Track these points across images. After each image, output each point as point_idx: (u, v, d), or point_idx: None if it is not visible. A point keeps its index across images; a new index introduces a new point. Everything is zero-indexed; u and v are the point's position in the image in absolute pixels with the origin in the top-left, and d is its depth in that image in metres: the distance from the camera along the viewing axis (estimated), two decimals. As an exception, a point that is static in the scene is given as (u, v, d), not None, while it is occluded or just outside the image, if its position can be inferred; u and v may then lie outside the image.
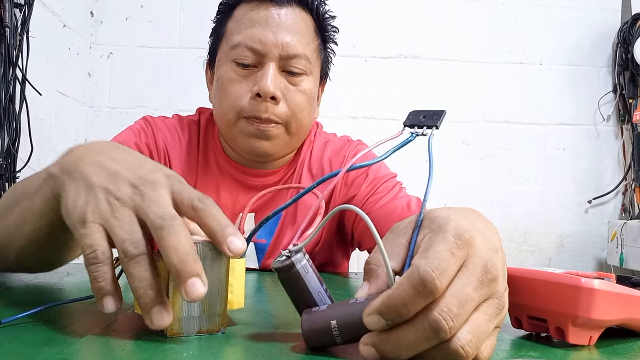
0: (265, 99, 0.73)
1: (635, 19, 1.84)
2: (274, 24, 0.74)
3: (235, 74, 0.75)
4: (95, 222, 0.35)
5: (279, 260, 0.36)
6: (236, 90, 0.75)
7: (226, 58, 0.77)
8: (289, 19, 0.75)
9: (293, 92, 0.76)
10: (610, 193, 1.87)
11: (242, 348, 0.36)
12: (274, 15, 0.75)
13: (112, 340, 0.37)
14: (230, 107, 0.75)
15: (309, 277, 0.36)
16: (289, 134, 0.78)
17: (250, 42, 0.74)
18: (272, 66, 0.74)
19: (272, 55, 0.74)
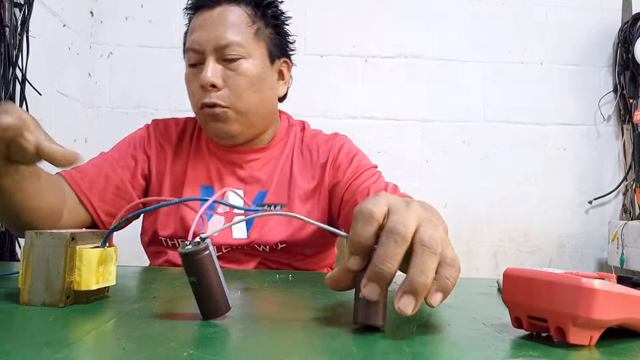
0: (207, 88, 0.86)
1: (635, 19, 1.84)
2: (207, 24, 0.87)
3: (190, 74, 0.90)
4: None
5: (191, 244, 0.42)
6: (192, 87, 0.89)
7: (186, 64, 0.91)
8: (219, 17, 0.87)
9: (232, 76, 0.87)
10: (611, 193, 1.87)
11: (242, 347, 0.36)
12: (207, 17, 0.88)
13: (111, 340, 0.37)
14: (192, 102, 0.90)
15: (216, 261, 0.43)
16: (240, 114, 0.88)
17: (192, 45, 0.87)
18: (210, 60, 0.86)
19: (208, 50, 0.86)
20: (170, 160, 0.95)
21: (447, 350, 0.38)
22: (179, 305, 0.51)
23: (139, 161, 0.94)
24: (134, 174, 0.92)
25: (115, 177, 0.90)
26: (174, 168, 0.94)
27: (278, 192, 0.93)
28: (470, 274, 1.83)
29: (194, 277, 0.43)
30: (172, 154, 0.96)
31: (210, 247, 0.43)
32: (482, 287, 0.73)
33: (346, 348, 0.37)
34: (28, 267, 0.47)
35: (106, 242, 0.50)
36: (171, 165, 0.94)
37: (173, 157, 0.95)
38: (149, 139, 0.96)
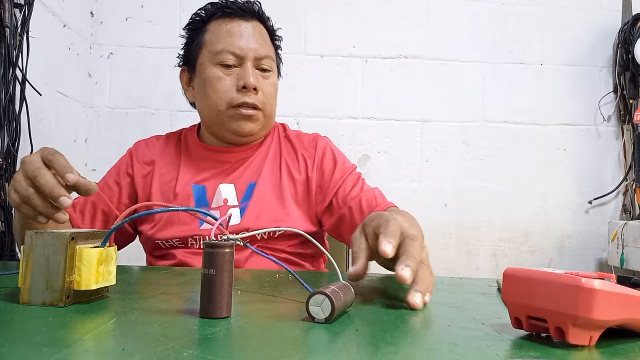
0: (249, 90, 0.95)
1: (635, 19, 1.83)
2: (246, 34, 0.97)
3: (221, 73, 0.96)
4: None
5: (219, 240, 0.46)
6: (224, 86, 0.96)
7: (210, 62, 0.97)
8: (255, 31, 0.99)
9: (266, 84, 0.98)
10: (611, 193, 1.87)
11: (242, 347, 0.36)
12: (244, 27, 0.98)
13: (111, 340, 0.37)
14: (220, 98, 0.96)
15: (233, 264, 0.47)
16: (265, 117, 0.99)
17: (231, 48, 0.96)
18: (249, 66, 0.96)
19: (249, 57, 0.96)
20: (158, 168, 1.02)
21: (447, 350, 0.38)
22: (179, 305, 0.51)
23: (123, 186, 1.02)
24: (119, 199, 1.01)
25: (101, 204, 0.99)
26: (164, 174, 1.01)
27: (267, 184, 0.99)
28: (470, 274, 1.83)
29: (212, 270, 0.44)
30: (160, 162, 1.03)
31: (233, 249, 0.46)
32: (482, 287, 0.73)
33: (347, 348, 0.37)
34: (28, 267, 0.48)
35: (106, 242, 0.50)
36: (160, 172, 1.01)
37: (161, 165, 1.02)
38: (130, 161, 1.04)
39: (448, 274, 1.82)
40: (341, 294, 0.47)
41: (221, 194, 0.98)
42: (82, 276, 0.48)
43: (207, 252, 0.45)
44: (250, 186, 0.99)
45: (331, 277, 0.80)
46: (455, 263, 1.84)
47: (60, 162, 0.64)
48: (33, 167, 0.63)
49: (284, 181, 1.00)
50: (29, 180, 0.63)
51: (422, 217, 1.84)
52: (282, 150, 1.04)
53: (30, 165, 0.63)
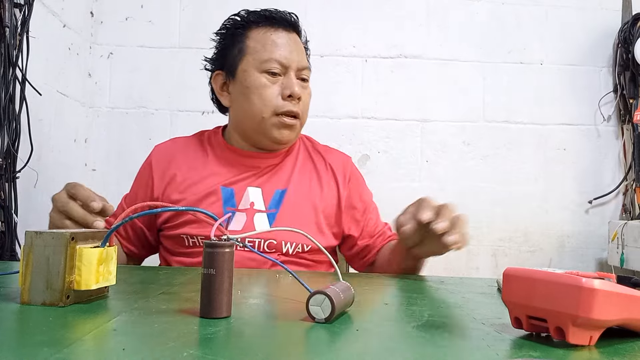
0: (294, 99, 0.99)
1: (635, 19, 1.83)
2: (290, 45, 1.01)
3: (267, 81, 0.98)
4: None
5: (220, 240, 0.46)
6: (270, 93, 0.98)
7: (256, 69, 0.99)
8: (296, 43, 1.03)
9: (305, 94, 1.02)
10: (611, 193, 1.87)
11: (242, 347, 0.36)
12: (287, 38, 1.01)
13: (111, 340, 0.37)
14: (265, 105, 0.98)
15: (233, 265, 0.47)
16: (301, 125, 1.04)
17: (278, 57, 0.99)
18: (293, 75, 1.00)
19: (293, 67, 1.00)
20: (182, 171, 1.02)
21: (447, 350, 0.38)
22: (179, 305, 0.51)
23: (139, 196, 1.04)
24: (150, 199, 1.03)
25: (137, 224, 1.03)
26: (188, 176, 1.01)
27: (297, 192, 1.02)
28: (470, 274, 1.83)
29: (212, 270, 0.44)
30: (183, 164, 1.03)
31: (233, 248, 0.46)
32: (482, 287, 0.73)
33: (347, 348, 0.37)
34: (28, 267, 0.48)
35: (106, 242, 0.50)
36: (183, 174, 1.02)
37: (184, 167, 1.03)
38: (150, 167, 1.05)
39: (448, 274, 1.82)
40: (341, 294, 0.47)
41: (249, 196, 0.99)
42: (82, 276, 0.48)
43: (207, 252, 0.45)
44: (277, 193, 1.01)
45: (331, 277, 0.80)
46: (455, 263, 1.84)
47: (83, 193, 0.73)
48: (62, 202, 0.74)
49: (315, 191, 1.04)
50: (62, 214, 0.74)
51: (422, 217, 1.84)
52: (315, 162, 1.09)
53: (59, 202, 0.74)
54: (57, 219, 0.75)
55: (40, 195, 1.40)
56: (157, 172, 1.03)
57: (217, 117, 1.16)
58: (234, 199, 0.99)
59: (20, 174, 1.24)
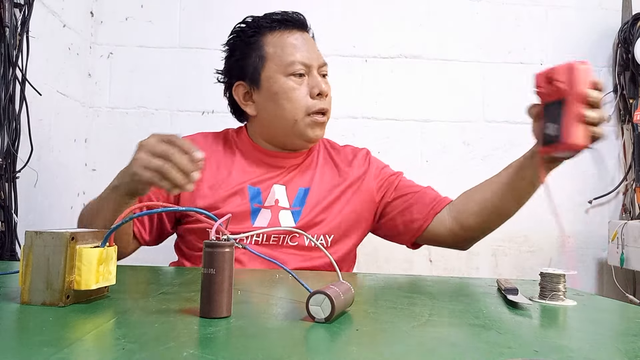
0: (323, 96, 1.01)
1: (635, 19, 1.83)
2: (308, 45, 1.04)
3: (295, 83, 1.00)
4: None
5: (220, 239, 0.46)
6: (300, 94, 1.00)
7: (280, 74, 1.01)
8: (311, 40, 1.07)
9: (328, 89, 1.04)
10: (611, 193, 1.87)
11: (242, 347, 0.36)
12: (305, 38, 1.05)
13: (111, 340, 0.37)
14: (296, 108, 1.00)
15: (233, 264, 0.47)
16: (327, 121, 1.05)
17: (301, 58, 1.01)
18: (317, 73, 1.03)
19: (315, 65, 1.03)
20: (208, 167, 1.01)
21: (447, 350, 0.38)
22: (179, 305, 0.51)
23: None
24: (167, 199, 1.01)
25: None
26: (215, 173, 1.02)
27: (319, 190, 1.04)
28: (471, 273, 1.83)
29: (212, 270, 0.44)
30: (209, 161, 1.02)
31: (233, 248, 0.46)
32: (482, 287, 0.73)
33: (346, 348, 0.37)
34: (28, 267, 0.48)
35: (106, 242, 0.50)
36: (210, 171, 1.01)
37: (211, 163, 1.03)
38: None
39: (448, 274, 1.82)
40: (341, 294, 0.47)
41: (274, 194, 1.01)
42: (82, 276, 0.48)
43: (207, 252, 0.45)
44: (301, 191, 1.03)
45: (331, 277, 0.80)
46: (455, 263, 1.84)
47: (183, 142, 0.73)
48: (160, 146, 0.73)
49: (336, 187, 1.05)
50: (155, 157, 0.72)
51: (422, 217, 1.83)
52: (334, 158, 1.11)
53: (155, 145, 0.73)
54: (153, 162, 0.72)
55: (40, 195, 1.40)
56: None
57: (217, 117, 1.17)
58: (260, 197, 1.01)
59: (20, 174, 1.24)
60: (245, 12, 1.14)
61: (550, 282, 0.63)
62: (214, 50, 1.79)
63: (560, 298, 0.63)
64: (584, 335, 0.46)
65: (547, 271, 0.64)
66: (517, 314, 0.54)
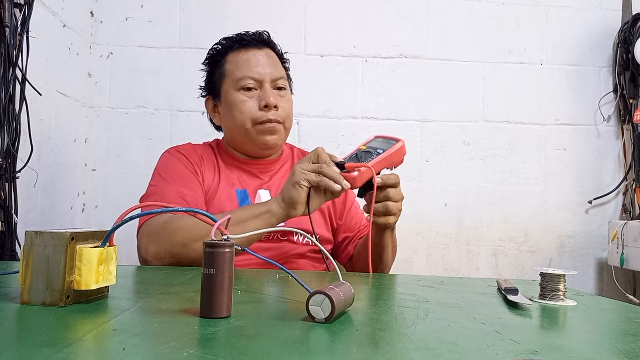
0: (270, 108, 1.09)
1: (635, 19, 1.83)
2: (261, 60, 1.12)
3: (244, 96, 1.10)
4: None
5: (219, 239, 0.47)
6: (247, 106, 1.10)
7: (233, 89, 1.11)
8: (268, 57, 1.13)
9: (283, 101, 1.12)
10: (611, 193, 1.87)
11: (242, 347, 0.36)
12: (258, 55, 1.12)
13: (111, 340, 0.37)
14: (245, 118, 1.09)
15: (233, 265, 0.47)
16: (286, 130, 1.14)
17: (250, 73, 1.10)
18: (268, 87, 1.10)
19: (266, 79, 1.10)
20: (207, 173, 1.12)
21: (447, 350, 0.38)
22: (179, 305, 0.51)
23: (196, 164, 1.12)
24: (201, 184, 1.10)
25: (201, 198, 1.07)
26: (208, 178, 1.11)
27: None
28: (471, 273, 1.83)
29: (212, 269, 0.44)
30: (207, 168, 1.13)
31: (233, 248, 0.47)
32: (482, 287, 0.73)
33: (346, 348, 0.37)
34: (28, 267, 0.48)
35: (106, 242, 0.50)
36: (209, 177, 1.11)
37: (204, 169, 1.12)
38: (185, 157, 1.12)
39: (448, 274, 1.82)
40: (341, 294, 0.47)
41: (260, 198, 1.09)
42: (82, 276, 0.48)
43: (207, 252, 0.45)
44: None
45: (331, 277, 0.80)
46: (455, 263, 1.84)
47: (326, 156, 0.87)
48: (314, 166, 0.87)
49: None
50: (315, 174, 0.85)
51: (422, 217, 1.84)
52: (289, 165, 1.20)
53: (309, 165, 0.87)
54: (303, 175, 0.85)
55: (40, 195, 1.40)
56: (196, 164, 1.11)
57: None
58: (249, 200, 1.09)
59: (20, 174, 1.24)
60: (245, 12, 1.15)
61: (550, 282, 0.63)
62: (214, 50, 1.79)
63: (560, 298, 0.63)
64: (584, 335, 0.46)
65: (547, 271, 0.64)
66: (517, 314, 0.54)
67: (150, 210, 0.53)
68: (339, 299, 0.46)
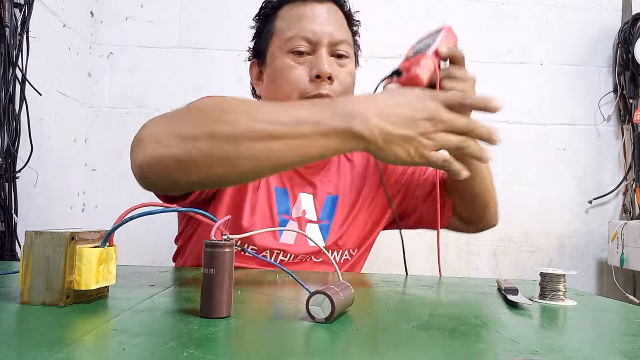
0: (324, 79, 0.84)
1: (635, 19, 1.83)
2: (319, 17, 0.87)
3: (292, 61, 0.86)
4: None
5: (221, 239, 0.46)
6: (296, 74, 0.85)
7: (281, 51, 0.88)
8: (329, 13, 0.89)
9: (343, 73, 0.88)
10: (611, 193, 1.87)
11: (242, 347, 0.36)
12: (318, 10, 0.88)
13: (111, 340, 0.37)
14: (292, 90, 0.85)
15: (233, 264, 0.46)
16: None
17: (303, 33, 0.86)
18: (324, 52, 0.86)
19: (323, 42, 0.86)
20: None
21: (447, 350, 0.38)
22: (179, 305, 0.51)
23: None
24: None
25: None
26: None
27: (346, 197, 0.95)
28: (471, 273, 1.83)
29: (212, 269, 0.44)
30: None
31: (233, 248, 0.46)
32: (482, 287, 0.73)
33: (346, 348, 0.37)
34: (28, 267, 0.48)
35: (106, 242, 0.50)
36: None
37: None
38: None
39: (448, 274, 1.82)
40: (341, 294, 0.47)
41: (301, 203, 0.90)
42: (82, 276, 0.48)
43: (207, 252, 0.45)
44: (328, 199, 0.93)
45: (331, 277, 0.80)
46: (455, 263, 1.84)
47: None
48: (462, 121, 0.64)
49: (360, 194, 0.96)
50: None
51: (422, 217, 1.83)
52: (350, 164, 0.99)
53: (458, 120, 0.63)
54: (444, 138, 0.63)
55: (40, 195, 1.40)
56: None
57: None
58: (289, 203, 0.91)
59: (20, 174, 1.24)
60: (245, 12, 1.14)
61: (550, 282, 0.63)
62: (214, 50, 1.79)
63: (560, 298, 0.63)
64: (584, 335, 0.46)
65: (547, 271, 0.64)
66: (517, 314, 0.54)
67: (150, 211, 0.53)
68: (339, 299, 0.46)
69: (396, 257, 1.11)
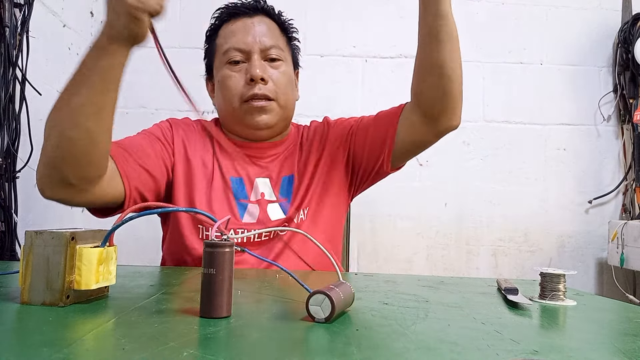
0: (257, 82, 0.95)
1: (635, 19, 1.83)
2: (250, 29, 0.99)
3: (230, 71, 0.98)
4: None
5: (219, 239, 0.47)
6: (234, 82, 0.97)
7: (221, 64, 1.00)
8: (260, 24, 1.00)
9: (275, 74, 0.98)
10: (611, 193, 1.87)
11: (242, 347, 0.36)
12: (248, 22, 0.99)
13: (111, 340, 0.37)
14: (233, 96, 0.97)
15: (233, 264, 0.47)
16: (280, 107, 0.99)
17: (236, 44, 0.97)
18: (256, 58, 0.97)
19: (254, 49, 0.97)
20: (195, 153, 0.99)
21: (447, 350, 0.38)
22: (179, 305, 0.51)
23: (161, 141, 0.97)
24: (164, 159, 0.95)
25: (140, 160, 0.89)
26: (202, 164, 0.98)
27: (301, 173, 1.01)
28: (471, 273, 1.83)
29: (212, 269, 0.45)
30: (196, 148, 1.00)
31: (233, 248, 0.46)
32: (482, 287, 0.73)
33: (346, 348, 0.37)
34: (28, 267, 0.48)
35: (106, 242, 0.50)
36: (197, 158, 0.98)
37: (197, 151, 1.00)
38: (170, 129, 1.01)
39: (448, 274, 1.82)
40: (341, 294, 0.47)
41: (258, 188, 0.98)
42: (82, 276, 0.48)
43: (207, 252, 0.45)
44: (285, 180, 1.00)
45: (331, 277, 0.80)
46: (456, 263, 1.84)
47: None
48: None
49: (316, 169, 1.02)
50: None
51: (422, 217, 1.84)
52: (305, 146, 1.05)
53: None
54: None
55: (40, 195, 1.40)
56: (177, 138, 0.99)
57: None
58: (245, 190, 0.98)
59: (20, 174, 1.24)
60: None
61: (550, 282, 0.63)
62: (214, 50, 1.79)
63: (560, 298, 0.63)
64: (584, 335, 0.46)
65: (547, 271, 0.64)
66: (517, 314, 0.54)
67: (150, 211, 0.53)
68: (339, 299, 0.46)
69: (396, 257, 1.11)
